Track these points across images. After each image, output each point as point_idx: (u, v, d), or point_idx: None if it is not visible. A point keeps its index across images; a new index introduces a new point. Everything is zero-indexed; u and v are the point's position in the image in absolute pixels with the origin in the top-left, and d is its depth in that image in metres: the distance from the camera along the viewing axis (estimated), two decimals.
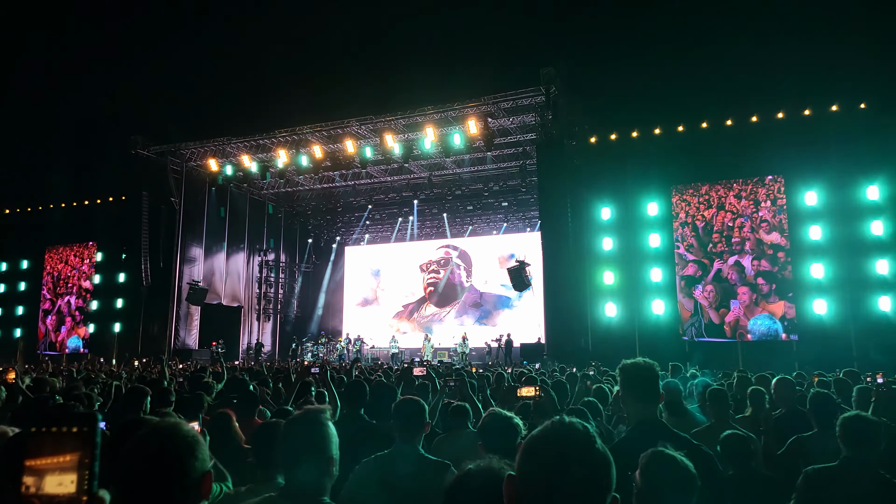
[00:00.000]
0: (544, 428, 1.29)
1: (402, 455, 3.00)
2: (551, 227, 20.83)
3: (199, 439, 1.53)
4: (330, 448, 2.10)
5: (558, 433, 1.26)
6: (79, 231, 28.76)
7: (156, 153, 24.75)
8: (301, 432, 2.10)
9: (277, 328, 30.35)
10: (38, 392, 5.93)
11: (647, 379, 2.64)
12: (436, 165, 25.61)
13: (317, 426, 2.11)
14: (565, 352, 19.20)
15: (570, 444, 1.24)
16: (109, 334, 26.51)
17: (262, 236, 29.48)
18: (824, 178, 19.22)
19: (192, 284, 24.40)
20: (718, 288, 20.08)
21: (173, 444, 1.47)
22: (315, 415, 2.14)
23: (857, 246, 18.64)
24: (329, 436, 2.12)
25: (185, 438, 1.50)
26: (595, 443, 1.26)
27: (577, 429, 1.26)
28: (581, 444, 1.25)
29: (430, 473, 2.90)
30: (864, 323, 18.06)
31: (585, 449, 1.24)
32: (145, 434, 1.49)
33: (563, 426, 1.28)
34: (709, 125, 20.49)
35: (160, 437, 1.48)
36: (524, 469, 1.25)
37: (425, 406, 3.18)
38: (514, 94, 20.35)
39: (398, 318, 30.28)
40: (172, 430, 1.51)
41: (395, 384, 6.21)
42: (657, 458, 2.00)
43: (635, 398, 2.65)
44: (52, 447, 0.85)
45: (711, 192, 20.80)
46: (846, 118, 19.10)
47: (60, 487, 0.84)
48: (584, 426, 1.28)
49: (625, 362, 2.72)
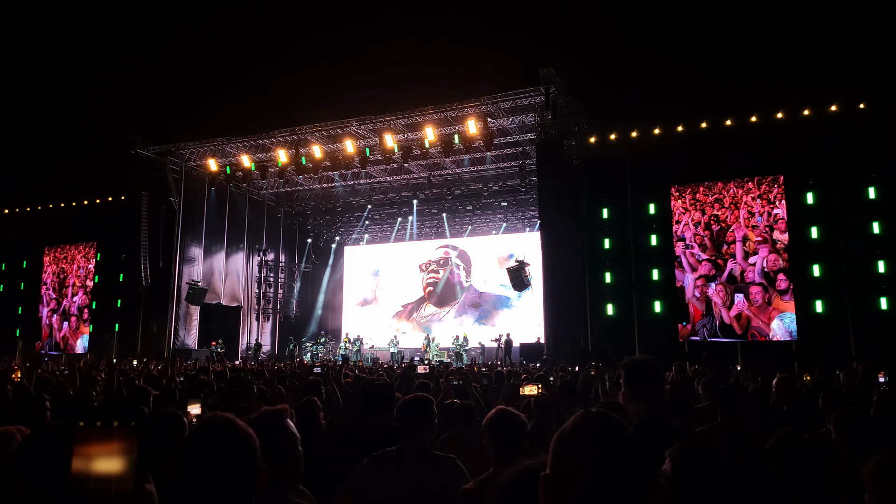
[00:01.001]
0: (575, 420, 1.27)
1: (409, 450, 2.98)
2: (550, 227, 20.85)
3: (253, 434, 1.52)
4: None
5: (590, 424, 1.25)
6: (78, 231, 28.73)
7: (155, 153, 24.75)
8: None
9: (277, 328, 30.34)
10: (40, 391, 5.95)
11: (650, 377, 2.64)
12: (435, 165, 25.63)
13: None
14: (564, 352, 19.23)
15: (605, 431, 1.24)
16: (109, 334, 26.48)
17: (261, 236, 29.48)
18: (823, 178, 19.24)
19: (192, 284, 24.41)
20: (729, 288, 20.05)
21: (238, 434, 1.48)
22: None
23: (857, 246, 18.66)
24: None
25: (246, 431, 1.50)
26: (624, 429, 1.26)
27: (607, 417, 1.27)
28: (615, 430, 1.25)
29: (435, 468, 2.91)
30: (864, 322, 18.08)
31: (619, 437, 1.24)
32: (207, 424, 1.50)
33: (591, 417, 1.27)
34: (708, 125, 20.50)
35: (224, 428, 1.48)
36: (560, 464, 1.23)
37: (432, 402, 3.18)
38: (514, 94, 20.38)
39: (397, 317, 30.29)
40: (231, 421, 1.51)
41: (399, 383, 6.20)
42: (687, 453, 2.00)
43: (637, 396, 2.65)
44: (99, 440, 0.89)
45: (711, 191, 20.81)
46: (846, 118, 19.12)
47: (108, 475, 0.87)
48: (608, 414, 1.29)
49: (628, 359, 2.72)
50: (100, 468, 0.87)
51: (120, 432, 0.90)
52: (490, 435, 2.77)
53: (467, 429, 4.01)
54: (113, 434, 0.89)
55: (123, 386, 5.61)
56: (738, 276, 20.05)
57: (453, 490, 2.69)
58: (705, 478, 1.94)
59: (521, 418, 2.79)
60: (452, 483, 2.77)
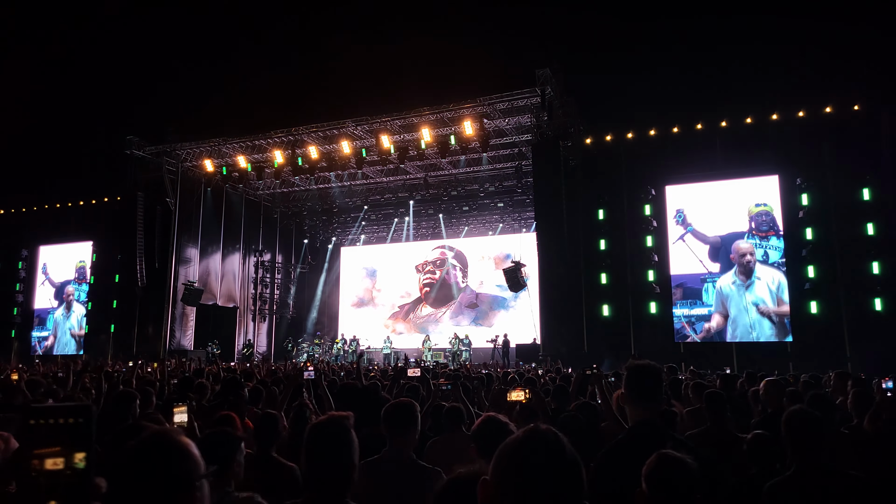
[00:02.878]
0: (517, 435, 1.32)
1: (391, 460, 2.98)
2: (547, 228, 20.86)
3: (191, 449, 1.53)
4: (351, 454, 2.16)
5: (528, 440, 1.29)
6: (74, 231, 28.68)
7: (151, 153, 24.71)
8: (326, 438, 2.14)
9: (273, 329, 30.31)
10: (33, 392, 5.99)
11: (650, 381, 2.65)
12: (431, 166, 25.63)
13: (341, 432, 2.16)
14: (560, 353, 19.25)
15: (539, 450, 1.27)
16: (104, 335, 26.43)
17: (257, 237, 29.45)
18: (818, 179, 19.29)
19: (188, 285, 24.36)
20: (731, 287, 20.07)
21: (169, 449, 1.49)
22: (341, 421, 2.20)
23: (852, 246, 18.72)
24: (352, 442, 2.17)
25: (179, 444, 1.51)
26: (564, 449, 1.28)
27: (546, 436, 1.29)
28: (551, 450, 1.27)
29: (417, 479, 2.90)
30: (859, 324, 18.13)
31: (555, 455, 1.26)
32: (143, 439, 1.51)
33: (533, 433, 1.30)
34: (703, 126, 20.55)
35: (157, 443, 1.50)
36: (496, 474, 1.28)
37: (416, 409, 3.18)
38: (510, 95, 20.38)
39: (394, 318, 30.28)
40: (166, 435, 1.53)
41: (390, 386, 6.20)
42: (664, 461, 1.99)
43: (637, 399, 2.66)
44: (51, 435, 0.95)
45: (708, 191, 20.86)
46: (840, 119, 19.19)
47: (57, 468, 0.94)
48: (555, 433, 1.31)
49: (632, 362, 2.72)
50: (50, 464, 0.94)
51: (70, 428, 0.96)
52: (477, 442, 2.76)
53: (457, 432, 4.00)
54: (62, 430, 0.96)
55: (111, 389, 5.60)
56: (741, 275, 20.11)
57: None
58: (680, 485, 1.94)
59: (508, 426, 2.78)
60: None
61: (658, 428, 2.58)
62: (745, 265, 19.99)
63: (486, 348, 24.84)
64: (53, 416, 0.96)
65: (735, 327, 19.87)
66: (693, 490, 1.93)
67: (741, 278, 19.97)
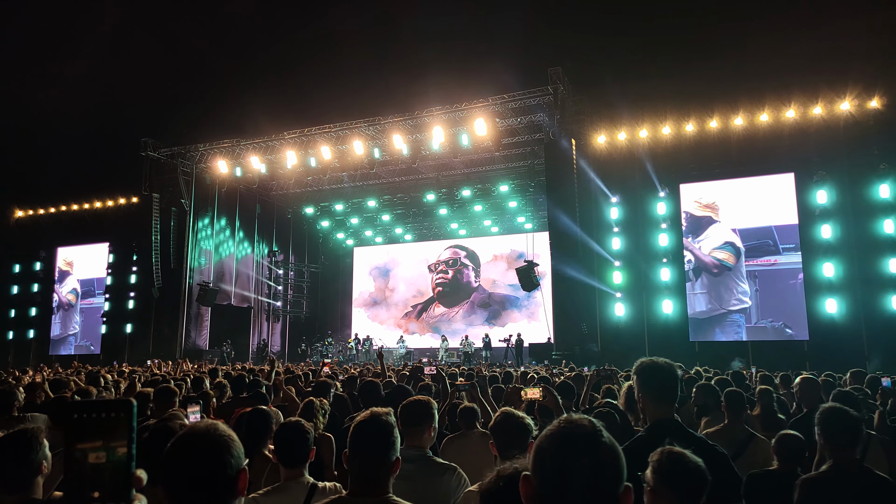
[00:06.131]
0: (552, 426, 1.34)
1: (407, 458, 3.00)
2: (559, 227, 20.80)
3: (234, 438, 1.63)
4: (395, 449, 2.21)
5: (565, 430, 1.31)
6: (90, 233, 29.00)
7: (166, 155, 24.95)
8: (370, 434, 2.19)
9: (287, 328, 30.48)
10: (57, 393, 6.09)
11: (666, 379, 2.65)
12: (444, 166, 25.64)
13: (384, 427, 2.21)
14: (574, 352, 19.22)
15: (577, 439, 1.29)
16: (121, 335, 26.72)
17: (271, 237, 29.64)
18: (835, 176, 19.08)
19: (203, 285, 24.57)
20: (754, 282, 19.93)
21: (212, 442, 1.58)
22: (383, 417, 2.26)
23: (869, 244, 18.50)
24: (395, 437, 2.23)
25: (223, 437, 1.60)
26: (602, 436, 1.30)
27: (583, 424, 1.32)
28: (588, 438, 1.29)
29: (433, 474, 2.93)
30: (877, 322, 17.92)
31: (593, 442, 1.28)
32: (184, 434, 1.61)
33: (569, 423, 1.33)
34: (718, 123, 20.39)
35: (199, 438, 1.59)
36: (537, 467, 1.30)
37: (432, 405, 3.20)
38: (522, 93, 20.36)
39: (407, 318, 30.34)
40: (209, 429, 1.62)
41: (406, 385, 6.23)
42: (667, 456, 2.02)
43: (653, 399, 2.65)
44: (93, 429, 0.99)
45: (723, 190, 20.70)
46: (857, 115, 18.96)
47: (99, 461, 0.98)
48: (591, 421, 1.33)
49: (642, 361, 2.72)
50: (92, 457, 0.98)
51: (111, 422, 1.00)
52: (496, 436, 2.81)
53: (471, 430, 4.03)
54: (103, 424, 1.00)
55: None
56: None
57: (454, 498, 2.73)
58: (685, 481, 1.95)
59: (525, 420, 2.82)
60: (454, 491, 2.82)
61: (675, 427, 2.57)
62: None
63: (499, 348, 24.85)
64: (96, 411, 1.00)
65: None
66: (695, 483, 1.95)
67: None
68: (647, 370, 2.67)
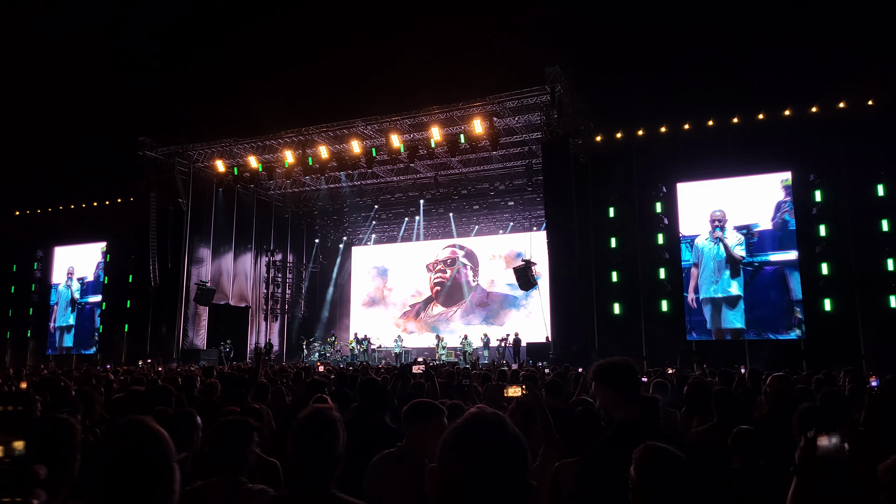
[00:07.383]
0: (460, 419, 1.33)
1: (402, 455, 3.08)
2: (557, 226, 20.79)
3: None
4: (339, 444, 2.18)
5: (470, 422, 1.31)
6: (88, 232, 28.97)
7: (163, 154, 24.92)
8: (311, 430, 2.18)
9: (285, 328, 30.46)
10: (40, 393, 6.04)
11: (628, 379, 2.63)
12: (442, 165, 25.63)
13: (326, 424, 2.19)
14: (571, 351, 19.19)
15: (480, 430, 1.28)
16: (118, 335, 26.69)
17: (269, 236, 29.62)
18: (832, 175, 19.08)
19: (200, 285, 24.55)
20: (754, 282, 19.93)
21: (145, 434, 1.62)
22: (326, 412, 2.23)
23: (866, 243, 18.50)
24: (337, 433, 2.19)
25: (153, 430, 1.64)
26: (505, 428, 1.29)
27: (487, 417, 1.31)
28: (491, 430, 1.28)
29: None
30: (874, 321, 17.93)
31: (496, 434, 1.27)
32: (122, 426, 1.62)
33: (475, 416, 1.32)
34: (715, 123, 20.38)
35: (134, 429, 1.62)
36: (442, 457, 1.29)
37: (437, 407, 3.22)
38: (520, 93, 20.34)
39: (405, 317, 30.34)
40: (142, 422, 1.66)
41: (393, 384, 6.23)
42: (651, 452, 2.01)
43: (617, 400, 2.62)
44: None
45: (721, 189, 20.70)
46: (853, 115, 18.96)
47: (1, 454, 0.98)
48: (496, 413, 1.32)
49: (599, 364, 2.69)
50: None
51: (8, 416, 0.99)
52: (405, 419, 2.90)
53: None
54: (6, 418, 0.99)
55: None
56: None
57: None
58: (669, 478, 1.94)
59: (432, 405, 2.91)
60: None
61: (644, 426, 2.55)
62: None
63: (498, 347, 24.85)
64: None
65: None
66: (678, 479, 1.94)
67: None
68: (607, 372, 2.65)
